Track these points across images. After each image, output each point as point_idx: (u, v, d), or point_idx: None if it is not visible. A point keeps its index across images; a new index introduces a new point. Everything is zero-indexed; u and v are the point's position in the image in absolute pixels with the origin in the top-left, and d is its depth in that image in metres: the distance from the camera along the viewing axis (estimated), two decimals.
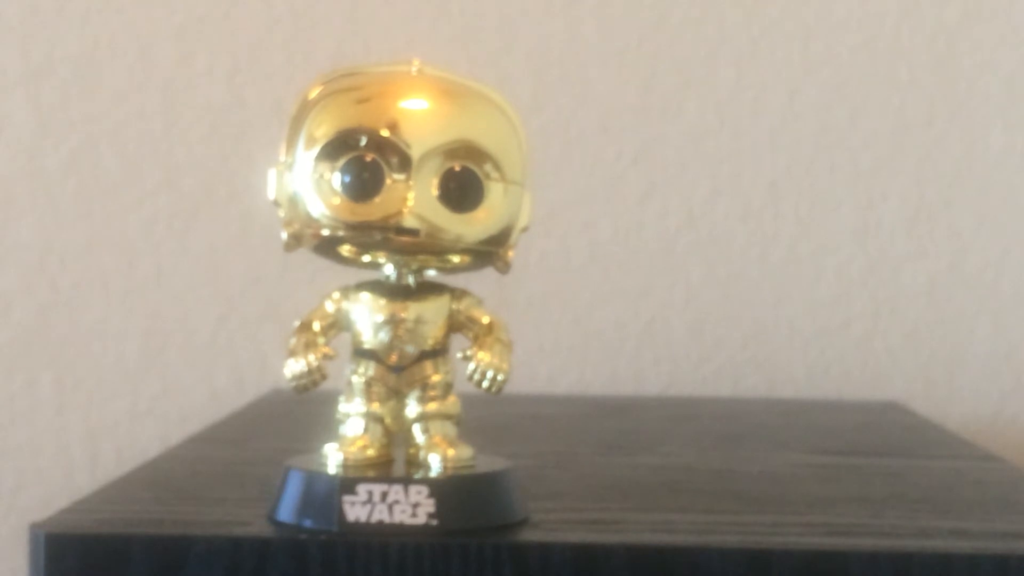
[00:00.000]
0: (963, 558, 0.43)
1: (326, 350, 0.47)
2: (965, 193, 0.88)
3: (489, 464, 0.47)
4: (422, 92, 0.46)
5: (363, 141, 0.45)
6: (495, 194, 0.46)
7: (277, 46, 0.87)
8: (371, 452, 0.46)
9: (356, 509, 0.44)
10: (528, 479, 0.51)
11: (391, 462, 0.47)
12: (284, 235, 0.46)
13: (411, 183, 0.45)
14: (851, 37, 0.89)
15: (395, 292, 0.47)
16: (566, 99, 0.88)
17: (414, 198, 0.45)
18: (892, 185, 0.89)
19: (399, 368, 0.47)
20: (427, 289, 0.47)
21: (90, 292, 0.87)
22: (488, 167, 0.46)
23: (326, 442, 0.46)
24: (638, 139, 0.88)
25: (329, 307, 0.47)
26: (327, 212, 0.45)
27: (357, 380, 0.47)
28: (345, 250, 0.46)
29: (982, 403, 0.89)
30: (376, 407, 0.47)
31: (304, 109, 0.46)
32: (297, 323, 0.47)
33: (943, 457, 0.64)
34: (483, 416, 0.49)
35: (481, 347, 0.47)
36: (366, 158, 0.45)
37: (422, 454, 0.46)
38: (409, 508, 0.44)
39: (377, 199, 0.45)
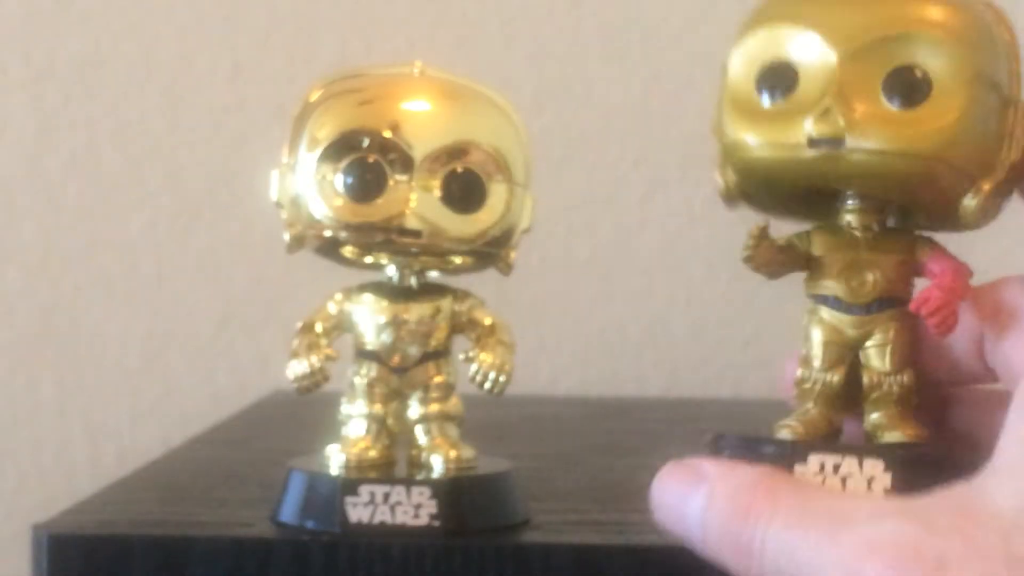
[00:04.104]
0: None
1: (328, 351, 0.47)
2: None
3: (491, 465, 0.47)
4: (424, 93, 0.46)
5: (365, 142, 0.45)
6: (497, 195, 0.46)
7: (279, 48, 0.87)
8: (373, 453, 0.46)
9: (358, 510, 0.44)
10: (530, 480, 0.51)
11: (393, 463, 0.47)
12: (286, 236, 0.46)
13: (413, 184, 0.45)
14: None
15: (397, 293, 0.47)
16: (568, 100, 0.88)
17: (416, 199, 0.45)
18: None
19: (401, 369, 0.47)
20: (429, 290, 0.47)
21: (92, 293, 0.87)
22: (490, 168, 0.46)
23: (328, 443, 0.46)
24: (639, 140, 0.88)
25: (331, 308, 0.47)
26: (329, 213, 0.45)
27: (359, 381, 0.47)
28: (347, 251, 0.46)
29: None
30: (378, 408, 0.47)
31: (306, 111, 0.46)
32: (299, 324, 0.47)
33: None
34: (485, 417, 0.49)
35: (483, 348, 0.47)
36: (368, 159, 0.45)
37: (424, 455, 0.46)
38: (411, 509, 0.44)
39: (379, 200, 0.45)
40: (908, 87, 0.38)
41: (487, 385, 0.46)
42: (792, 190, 0.40)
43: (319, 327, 0.47)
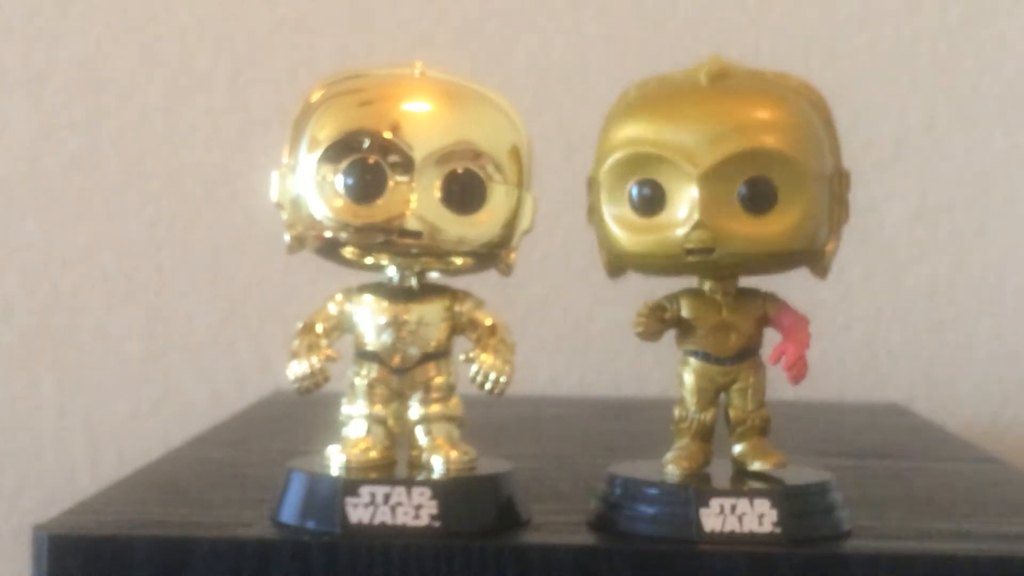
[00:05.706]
0: (965, 560, 0.43)
1: (329, 352, 0.47)
2: (967, 195, 0.88)
3: (491, 466, 0.47)
4: (425, 94, 0.46)
5: (366, 143, 0.45)
6: (497, 196, 0.46)
7: (279, 48, 0.87)
8: (373, 454, 0.46)
9: (359, 511, 0.44)
10: (530, 481, 0.51)
11: (394, 464, 0.47)
12: (287, 237, 0.47)
13: (414, 185, 0.45)
14: (853, 39, 0.89)
15: (397, 294, 0.47)
16: (568, 101, 0.88)
17: (417, 200, 0.45)
18: (893, 187, 0.89)
19: (402, 370, 0.47)
20: (429, 291, 0.47)
21: (92, 293, 0.87)
22: (490, 169, 0.46)
23: (328, 444, 0.47)
24: None
25: (332, 309, 0.47)
26: (330, 214, 0.45)
27: (360, 382, 0.47)
28: (348, 252, 0.46)
29: (984, 405, 0.89)
30: (379, 409, 0.47)
31: (307, 111, 0.46)
32: (300, 325, 0.47)
33: (945, 459, 0.64)
34: (485, 418, 0.49)
35: (483, 349, 0.47)
36: (369, 160, 0.45)
37: (424, 456, 0.46)
38: (412, 510, 0.44)
39: (380, 201, 0.45)
40: (759, 196, 0.44)
41: (487, 386, 0.46)
42: (664, 274, 0.47)
43: (319, 328, 0.47)
